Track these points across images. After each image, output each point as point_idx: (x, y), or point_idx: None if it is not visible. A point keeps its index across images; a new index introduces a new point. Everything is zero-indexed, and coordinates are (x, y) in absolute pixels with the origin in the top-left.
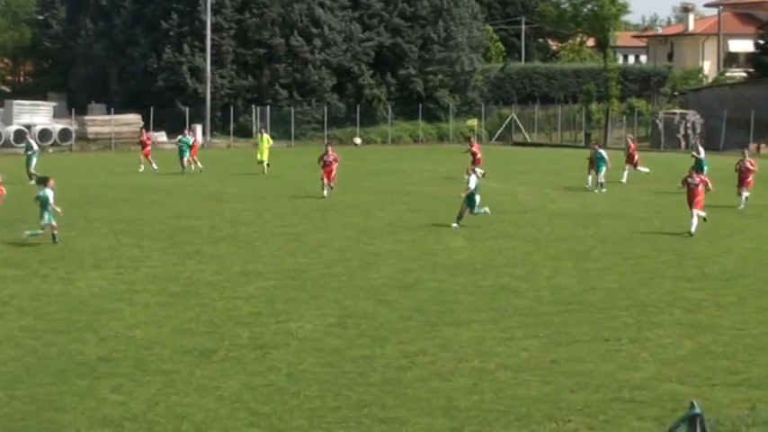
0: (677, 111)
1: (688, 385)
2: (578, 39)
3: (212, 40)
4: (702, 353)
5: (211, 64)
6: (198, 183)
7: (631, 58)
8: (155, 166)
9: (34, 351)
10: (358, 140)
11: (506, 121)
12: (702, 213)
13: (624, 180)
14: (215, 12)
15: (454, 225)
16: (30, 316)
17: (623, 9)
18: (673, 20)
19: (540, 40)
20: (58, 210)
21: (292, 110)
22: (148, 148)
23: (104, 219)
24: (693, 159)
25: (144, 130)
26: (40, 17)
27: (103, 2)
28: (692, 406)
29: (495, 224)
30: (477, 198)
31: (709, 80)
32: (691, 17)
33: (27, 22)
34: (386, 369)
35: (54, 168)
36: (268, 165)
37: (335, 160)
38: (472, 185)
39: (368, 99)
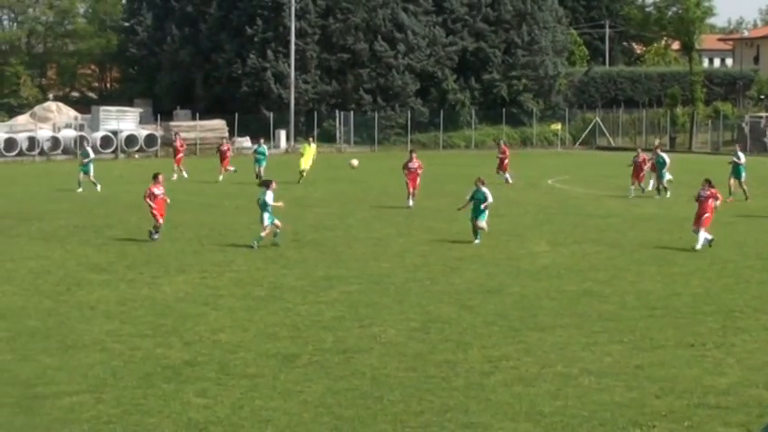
0: (764, 114)
1: None
2: (663, 42)
3: (296, 45)
4: None
5: (295, 69)
6: (281, 188)
7: (717, 62)
8: (185, 174)
9: (120, 355)
10: (355, 162)
11: (590, 126)
12: (709, 237)
13: (651, 188)
14: (299, 17)
15: (476, 241)
16: (116, 320)
17: (708, 12)
18: (759, 22)
19: (625, 43)
20: (280, 204)
21: (376, 115)
22: (181, 155)
23: (189, 224)
24: (731, 165)
25: (178, 136)
26: (127, 24)
27: (189, 8)
28: None
29: (578, 229)
30: (486, 214)
31: None
32: None
33: (113, 28)
34: (469, 374)
35: (140, 174)
36: (302, 175)
37: (420, 167)
38: (491, 198)
39: (451, 104)
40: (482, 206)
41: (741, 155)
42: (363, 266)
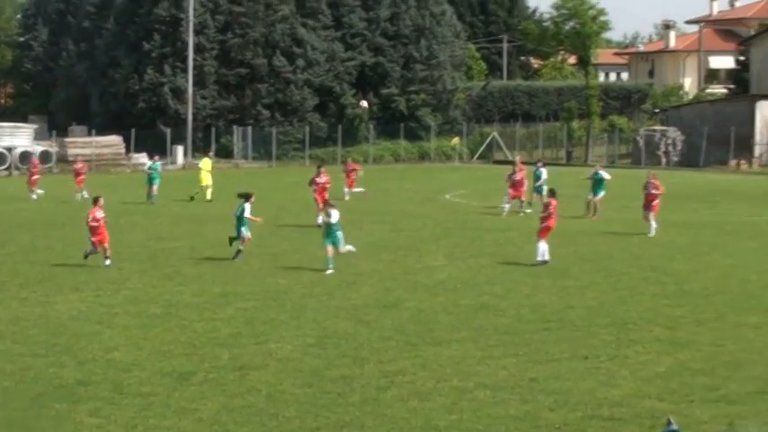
0: (658, 128)
1: (667, 402)
2: (560, 56)
3: (194, 60)
4: (681, 369)
5: (193, 84)
6: (179, 205)
7: (613, 76)
8: (35, 196)
9: (12, 375)
10: (364, 103)
11: (488, 140)
12: (545, 252)
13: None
14: (197, 32)
15: (329, 270)
16: (8, 340)
17: (604, 27)
18: (654, 37)
19: (522, 58)
20: (258, 220)
21: (274, 130)
22: (36, 176)
23: (83, 241)
24: (590, 182)
25: (33, 156)
26: (22, 39)
27: (85, 24)
28: (669, 423)
29: (475, 243)
30: (341, 233)
31: (690, 97)
32: (672, 34)
33: (8, 44)
34: (365, 389)
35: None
36: (203, 190)
37: (328, 183)
38: (335, 218)
39: (349, 119)
40: (323, 222)
41: (604, 172)
42: (260, 282)
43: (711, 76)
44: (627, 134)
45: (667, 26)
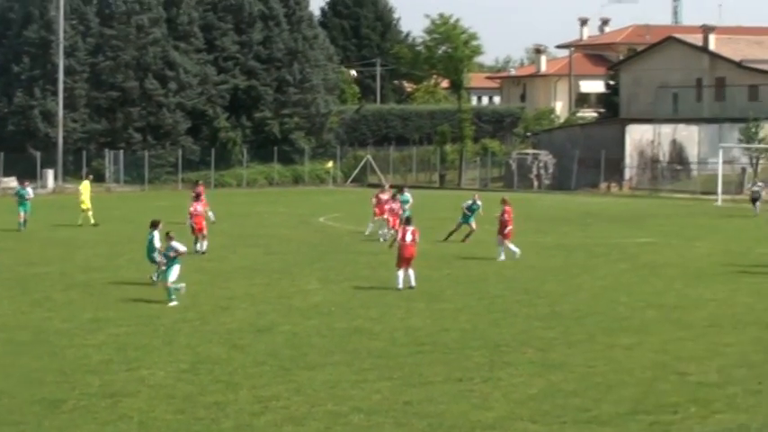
0: (530, 151)
1: (539, 424)
2: (433, 80)
3: (65, 83)
4: (553, 391)
5: (64, 107)
6: (49, 229)
7: (485, 99)
8: None
9: None
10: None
11: (361, 163)
12: (413, 279)
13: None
14: (68, 55)
15: (173, 303)
16: None
17: (477, 51)
18: (525, 61)
19: (396, 81)
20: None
21: (146, 153)
22: None
23: None
24: (462, 211)
25: None
26: None
27: None
28: None
29: (349, 266)
30: (178, 267)
31: (561, 120)
32: (543, 58)
33: None
34: (238, 415)
35: None
36: (86, 214)
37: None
38: (183, 249)
39: (223, 142)
40: (171, 255)
41: (479, 202)
42: (132, 308)
43: (582, 99)
44: (499, 157)
45: (538, 50)
